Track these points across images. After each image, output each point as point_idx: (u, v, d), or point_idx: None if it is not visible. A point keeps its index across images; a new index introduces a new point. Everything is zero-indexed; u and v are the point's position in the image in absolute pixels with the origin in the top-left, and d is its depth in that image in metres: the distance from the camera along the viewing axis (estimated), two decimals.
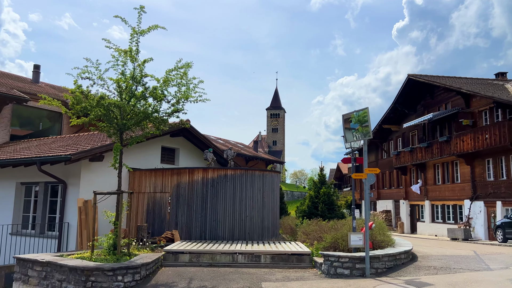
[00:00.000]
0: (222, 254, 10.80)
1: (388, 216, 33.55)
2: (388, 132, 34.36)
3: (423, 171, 28.81)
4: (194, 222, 14.00)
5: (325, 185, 18.86)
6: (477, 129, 22.03)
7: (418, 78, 27.32)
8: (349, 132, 9.84)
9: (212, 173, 14.25)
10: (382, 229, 12.20)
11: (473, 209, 23.16)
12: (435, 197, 27.35)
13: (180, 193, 14.36)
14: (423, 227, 28.47)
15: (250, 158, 46.40)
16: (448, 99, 26.43)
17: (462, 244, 17.67)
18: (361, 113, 9.41)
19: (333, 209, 18.30)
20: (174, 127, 16.97)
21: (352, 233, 10.11)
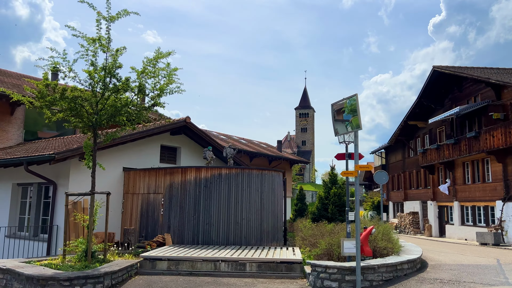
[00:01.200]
0: (204, 261, 9.83)
1: (415, 218, 31.57)
2: (414, 129, 32.36)
3: (451, 170, 26.77)
4: (186, 225, 13.12)
5: (336, 185, 17.53)
6: (509, 123, 20.00)
7: (443, 69, 25.38)
8: (340, 124, 8.61)
9: (205, 172, 13.32)
10: (387, 233, 10.85)
11: (506, 211, 21.10)
12: (465, 198, 25.29)
13: (172, 194, 13.52)
14: (452, 230, 26.43)
15: (273, 158, 45.31)
16: (477, 91, 24.36)
17: (489, 250, 15.89)
18: (352, 101, 8.18)
19: (344, 210, 16.94)
20: (173, 125, 16.22)
21: (345, 239, 8.88)
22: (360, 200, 57.06)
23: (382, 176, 15.10)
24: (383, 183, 15.02)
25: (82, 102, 9.35)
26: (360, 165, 8.13)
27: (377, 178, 15.10)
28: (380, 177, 15.06)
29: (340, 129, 8.57)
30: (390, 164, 38.80)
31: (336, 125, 8.64)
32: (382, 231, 10.73)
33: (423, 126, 30.93)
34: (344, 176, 8.94)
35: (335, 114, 8.87)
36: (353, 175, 8.33)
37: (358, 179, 8.31)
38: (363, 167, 8.35)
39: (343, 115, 8.81)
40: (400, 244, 11.29)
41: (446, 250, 15.48)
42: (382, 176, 15.10)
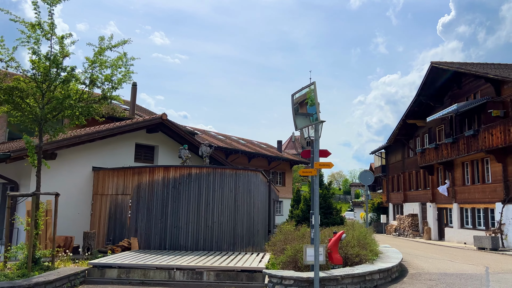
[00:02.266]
0: (157, 269, 8.96)
1: (414, 221, 30.43)
2: (414, 128, 31.26)
3: (451, 171, 25.64)
4: (153, 229, 12.27)
5: (322, 186, 16.56)
6: (508, 120, 18.88)
7: (442, 65, 24.29)
8: (301, 117, 7.68)
9: (174, 172, 12.46)
10: (363, 238, 9.89)
11: (506, 214, 19.96)
12: (464, 200, 24.15)
13: (140, 195, 12.69)
14: (451, 233, 25.29)
15: (272, 159, 44.47)
16: (477, 88, 23.24)
17: (484, 256, 14.82)
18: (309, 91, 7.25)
19: (330, 213, 15.99)
20: (148, 122, 15.42)
21: (309, 246, 7.94)
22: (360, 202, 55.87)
23: (367, 176, 14.13)
24: (368, 184, 14.06)
25: (21, 93, 8.53)
26: (320, 162, 7.20)
27: (362, 179, 14.13)
28: (365, 178, 14.09)
29: (299, 122, 7.65)
30: (390, 165, 37.68)
31: (297, 119, 7.71)
32: (357, 236, 9.77)
33: (422, 125, 29.83)
34: (303, 175, 8.00)
35: (298, 106, 7.93)
36: (312, 173, 7.39)
37: (318, 178, 7.38)
38: (324, 165, 7.41)
39: (307, 107, 7.88)
40: (378, 250, 10.33)
41: (437, 255, 14.46)
42: (367, 176, 14.13)
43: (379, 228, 38.44)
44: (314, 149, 7.26)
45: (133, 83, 28.66)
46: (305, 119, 7.49)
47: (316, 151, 7.27)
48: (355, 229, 10.80)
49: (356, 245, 9.26)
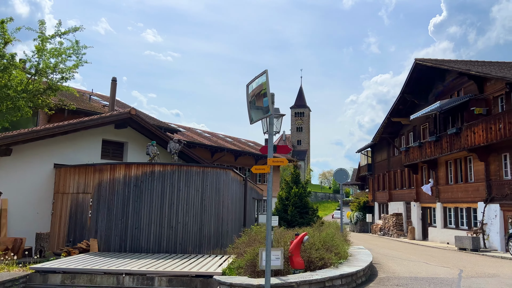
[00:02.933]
0: (105, 274, 8.29)
1: (398, 220, 30.04)
2: (399, 126, 30.85)
3: (434, 169, 25.24)
4: (113, 230, 11.60)
5: (298, 184, 16.00)
6: (489, 118, 18.45)
7: (425, 62, 23.85)
8: (255, 109, 7.06)
9: (136, 169, 11.79)
10: (330, 240, 9.30)
11: (488, 214, 19.57)
12: (448, 199, 23.76)
13: (101, 194, 12.00)
14: (435, 233, 24.89)
15: (259, 157, 43.87)
16: (461, 85, 22.82)
17: (462, 258, 14.35)
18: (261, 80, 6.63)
19: (306, 212, 15.42)
20: (114, 117, 14.72)
21: (265, 250, 7.32)
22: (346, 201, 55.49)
23: (342, 174, 13.58)
24: (343, 182, 13.51)
25: None
26: (274, 159, 6.60)
27: (337, 177, 13.59)
28: (340, 176, 13.54)
29: (254, 115, 7.03)
30: (376, 163, 37.28)
31: (252, 111, 7.09)
32: (323, 238, 9.19)
33: (407, 123, 29.38)
34: (256, 172, 7.40)
35: (255, 97, 7.30)
36: (265, 170, 6.80)
37: (271, 176, 6.78)
38: (277, 161, 6.81)
39: (264, 99, 7.26)
40: (348, 253, 9.76)
41: (415, 257, 13.96)
42: (342, 174, 13.58)
43: (365, 228, 38.03)
44: (268, 144, 6.65)
45: (113, 78, 27.80)
46: (260, 112, 6.87)
47: (270, 147, 6.67)
48: (324, 230, 10.22)
49: (321, 247, 8.68)
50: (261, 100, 7.25)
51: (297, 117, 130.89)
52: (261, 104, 7.26)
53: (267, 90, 6.43)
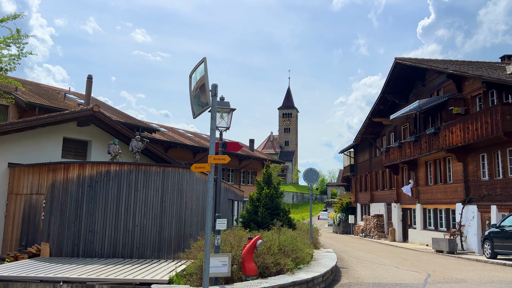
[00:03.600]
0: (41, 282, 7.63)
1: (380, 221, 29.70)
2: (380, 126, 30.55)
3: (414, 170, 24.94)
4: (66, 233, 10.91)
5: (270, 185, 15.43)
6: (466, 118, 18.13)
7: (405, 61, 23.53)
8: (197, 102, 6.47)
9: (90, 169, 11.11)
10: (290, 243, 8.75)
11: (465, 215, 19.25)
12: (427, 200, 23.45)
13: (54, 195, 11.30)
14: (415, 234, 24.57)
15: (243, 158, 43.32)
16: (440, 85, 22.54)
17: (435, 260, 13.94)
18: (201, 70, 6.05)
19: (277, 214, 14.86)
20: (75, 114, 14.01)
21: (212, 256, 6.76)
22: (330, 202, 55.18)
23: (312, 175, 13.05)
24: (313, 183, 12.99)
25: None
26: (215, 156, 6.03)
27: (307, 177, 13.06)
28: (310, 176, 13.02)
29: (196, 108, 6.45)
30: (359, 164, 36.96)
31: (194, 104, 6.50)
32: (282, 241, 8.63)
33: (388, 124, 29.07)
34: (195, 171, 6.82)
35: (199, 89, 6.70)
36: (205, 169, 6.21)
37: (212, 175, 6.22)
38: (219, 158, 6.24)
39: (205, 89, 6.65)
40: (312, 257, 9.22)
41: (387, 260, 13.50)
42: (312, 175, 13.05)
43: (347, 229, 37.68)
44: (210, 140, 6.07)
45: (88, 75, 27.00)
46: (201, 105, 6.29)
47: (212, 143, 6.09)
48: (284, 233, 9.67)
49: (278, 252, 8.13)
50: (205, 92, 6.67)
51: (284, 118, 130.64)
52: (204, 97, 6.68)
53: (205, 80, 5.85)
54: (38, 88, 23.87)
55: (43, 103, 19.00)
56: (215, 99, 6.10)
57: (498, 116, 15.79)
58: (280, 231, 9.07)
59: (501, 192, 16.99)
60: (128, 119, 28.03)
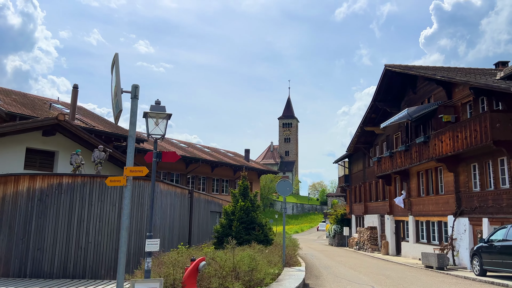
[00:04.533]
0: None
1: (373, 234, 28.72)
2: (373, 135, 29.73)
3: (406, 181, 24.05)
4: (14, 251, 10.11)
5: (246, 197, 14.62)
6: (455, 126, 17.31)
7: (394, 68, 22.81)
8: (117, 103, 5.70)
9: (41, 181, 10.36)
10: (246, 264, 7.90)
11: (457, 228, 18.31)
12: (419, 212, 22.52)
13: (3, 209, 10.52)
14: (407, 248, 23.59)
15: (237, 168, 42.54)
16: (431, 92, 21.77)
17: (419, 278, 13.01)
18: None
19: (253, 228, 14.03)
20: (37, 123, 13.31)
21: (137, 282, 5.95)
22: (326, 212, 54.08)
23: (285, 186, 12.22)
24: (287, 195, 12.16)
25: None
26: (132, 168, 5.25)
27: (280, 189, 12.24)
28: (283, 188, 12.19)
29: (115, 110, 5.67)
30: (353, 174, 36.07)
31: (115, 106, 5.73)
32: (237, 261, 7.78)
33: (381, 133, 28.26)
34: (110, 185, 6.05)
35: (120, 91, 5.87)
36: (121, 183, 5.44)
37: (129, 190, 5.43)
38: (136, 171, 5.46)
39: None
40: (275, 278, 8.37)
41: (367, 278, 12.60)
42: (285, 186, 12.22)
43: (342, 241, 36.64)
44: (128, 148, 5.29)
45: (74, 85, 26.48)
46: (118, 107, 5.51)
47: (130, 152, 5.33)
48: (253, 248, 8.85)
49: (229, 273, 7.29)
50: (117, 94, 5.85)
51: (285, 128, 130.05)
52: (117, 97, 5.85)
53: (116, 80, 5.10)
54: (24, 98, 23.32)
55: (24, 113, 18.37)
56: (135, 102, 5.36)
57: (487, 123, 14.97)
58: (234, 250, 8.24)
59: (492, 204, 16.09)
60: (113, 128, 27.40)
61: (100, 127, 26.44)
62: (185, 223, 14.98)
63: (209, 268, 6.96)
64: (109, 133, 25.70)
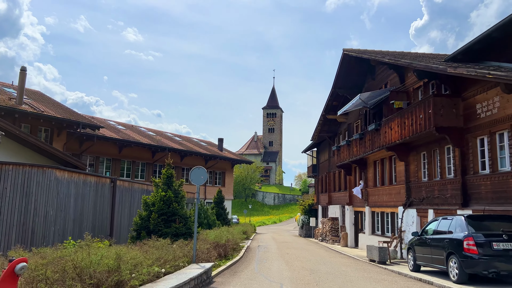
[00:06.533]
0: None
1: (334, 225, 27.90)
2: (337, 124, 28.75)
3: (364, 170, 23.16)
4: None
5: (170, 187, 13.49)
6: (403, 112, 16.33)
7: (351, 52, 21.73)
8: None
9: None
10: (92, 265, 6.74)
11: (406, 219, 17.47)
12: (375, 203, 21.67)
13: None
14: (364, 240, 22.78)
15: (209, 157, 41.42)
16: (387, 78, 20.78)
17: (351, 274, 12.05)
18: None
19: (174, 221, 12.93)
20: None
21: None
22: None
23: (199, 174, 11.06)
24: (201, 184, 11.05)
25: None
26: None
27: (193, 177, 11.10)
28: (197, 176, 11.06)
29: None
30: (320, 164, 35.20)
31: None
32: (96, 261, 6.64)
33: (343, 121, 27.30)
34: None
35: None
36: None
37: None
38: None
39: None
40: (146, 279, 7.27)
41: (288, 273, 11.61)
42: (199, 174, 11.06)
43: (310, 232, 35.87)
44: None
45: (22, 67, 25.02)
46: None
47: None
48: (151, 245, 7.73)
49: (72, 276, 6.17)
50: None
51: (269, 118, 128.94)
52: None
53: None
54: None
55: None
56: None
57: (430, 109, 13.99)
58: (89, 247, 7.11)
59: (438, 195, 15.21)
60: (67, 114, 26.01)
61: (51, 112, 25.04)
62: (105, 215, 13.84)
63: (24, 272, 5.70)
64: (60, 119, 24.39)
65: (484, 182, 12.59)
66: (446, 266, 10.24)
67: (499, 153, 12.22)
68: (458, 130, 13.70)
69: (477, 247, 9.37)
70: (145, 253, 8.44)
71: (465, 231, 9.80)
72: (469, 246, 9.45)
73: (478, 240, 9.44)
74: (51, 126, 25.24)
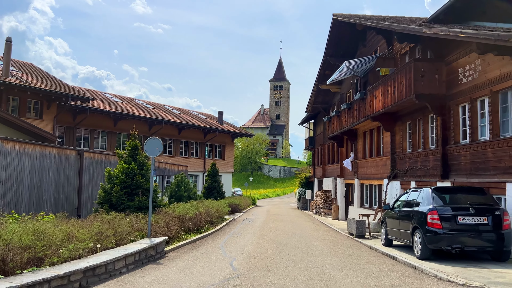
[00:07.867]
0: None
1: (327, 197, 27.40)
2: (330, 94, 27.83)
3: (354, 142, 22.40)
4: None
5: (135, 159, 12.99)
6: (386, 79, 15.42)
7: (340, 17, 20.58)
8: None
9: None
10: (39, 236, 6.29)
11: (390, 192, 16.83)
12: (363, 175, 21.02)
13: None
14: (353, 212, 22.24)
15: (208, 131, 40.94)
16: (377, 44, 19.71)
17: (322, 247, 11.56)
18: None
19: (137, 194, 12.49)
20: None
21: None
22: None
23: (154, 145, 10.49)
24: (156, 155, 10.50)
25: None
26: None
27: (148, 149, 10.55)
28: (152, 147, 10.49)
29: None
30: (317, 136, 34.46)
31: None
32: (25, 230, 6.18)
33: (337, 91, 26.37)
34: None
35: None
36: None
37: None
38: None
39: None
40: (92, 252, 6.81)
41: (251, 247, 11.18)
42: (154, 145, 10.49)
43: (306, 205, 35.53)
44: None
45: (7, 38, 24.44)
46: None
47: None
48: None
49: None
50: None
51: (275, 91, 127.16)
52: None
53: None
54: None
55: None
56: None
57: (411, 75, 13.08)
58: None
59: (420, 166, 14.49)
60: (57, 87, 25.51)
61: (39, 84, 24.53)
62: (71, 188, 13.46)
63: None
64: (47, 91, 23.89)
65: (464, 152, 11.82)
66: (411, 240, 9.65)
67: (479, 122, 11.40)
68: (440, 97, 12.82)
69: (441, 221, 8.73)
70: (81, 228, 7.99)
71: (430, 204, 9.14)
72: (433, 220, 8.81)
73: (442, 213, 8.79)
74: (40, 99, 24.73)
